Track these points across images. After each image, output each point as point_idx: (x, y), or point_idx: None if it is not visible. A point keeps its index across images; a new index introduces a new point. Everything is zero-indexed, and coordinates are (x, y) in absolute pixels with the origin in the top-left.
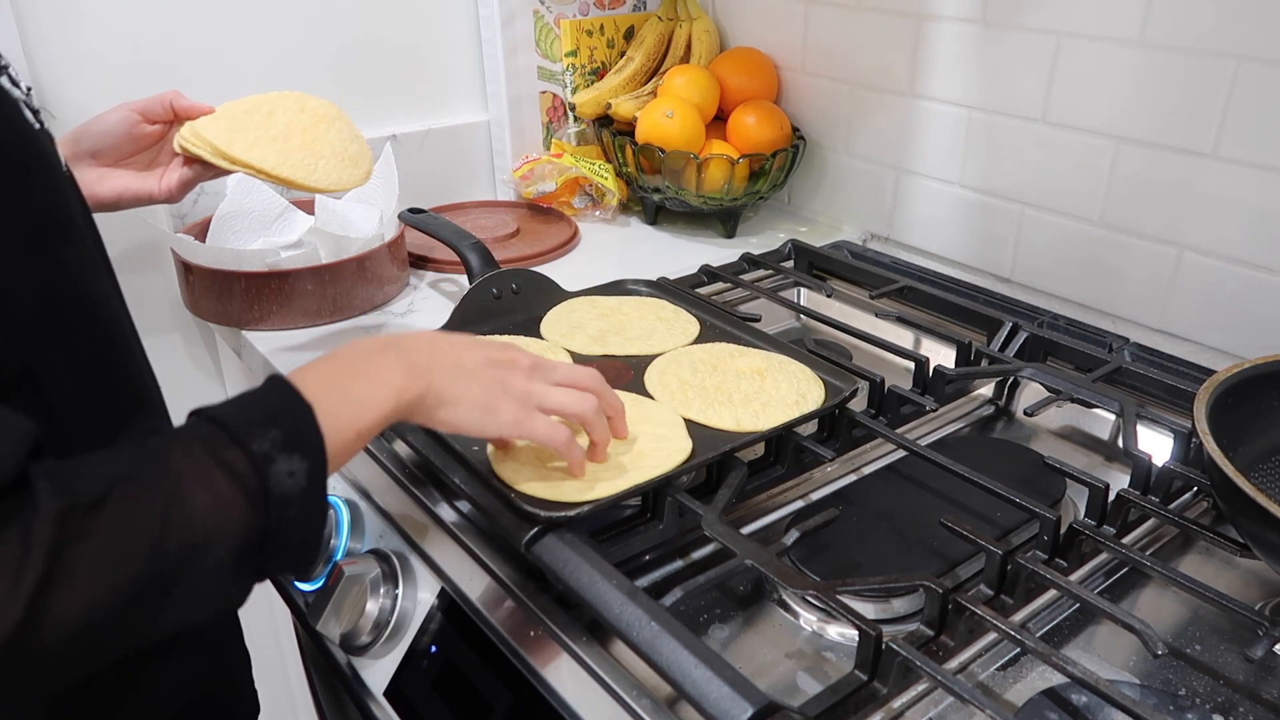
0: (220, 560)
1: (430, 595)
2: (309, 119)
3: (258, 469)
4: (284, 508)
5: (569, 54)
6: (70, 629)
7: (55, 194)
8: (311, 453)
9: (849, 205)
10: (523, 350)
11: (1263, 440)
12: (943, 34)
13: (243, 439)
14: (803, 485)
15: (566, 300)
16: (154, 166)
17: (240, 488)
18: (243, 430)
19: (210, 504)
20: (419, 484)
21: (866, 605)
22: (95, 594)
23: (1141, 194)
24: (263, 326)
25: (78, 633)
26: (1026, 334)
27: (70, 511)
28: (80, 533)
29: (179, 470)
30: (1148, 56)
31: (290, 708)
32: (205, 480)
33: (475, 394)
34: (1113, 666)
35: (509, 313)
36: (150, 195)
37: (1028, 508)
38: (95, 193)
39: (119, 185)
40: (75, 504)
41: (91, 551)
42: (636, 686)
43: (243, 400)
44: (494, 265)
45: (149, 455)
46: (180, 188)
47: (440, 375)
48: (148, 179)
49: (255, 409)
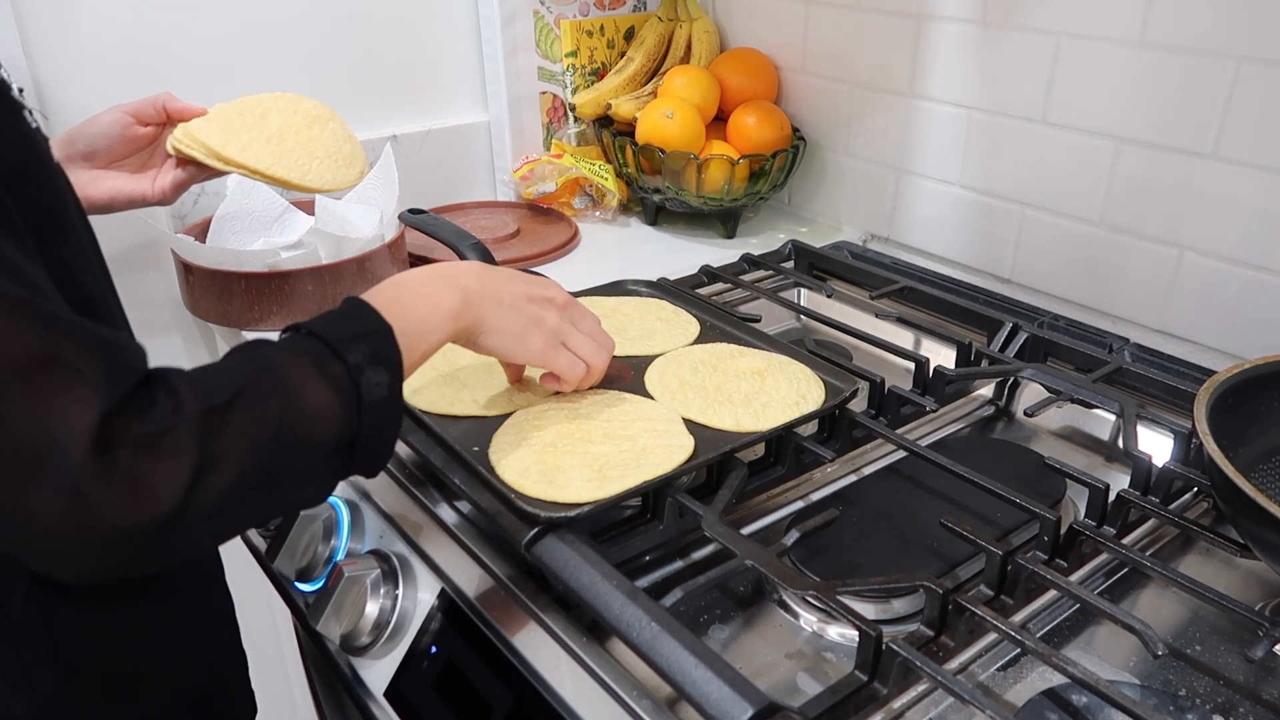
0: (320, 454)
1: (430, 596)
2: (302, 120)
3: (353, 378)
4: (372, 413)
5: (569, 54)
6: (213, 507)
7: (53, 192)
8: (392, 367)
9: (849, 206)
10: (560, 289)
11: (1263, 441)
12: (943, 34)
13: (341, 352)
14: (803, 486)
15: None
16: (147, 168)
17: (339, 395)
18: (340, 344)
19: (316, 406)
20: (419, 484)
21: (867, 606)
22: (232, 478)
23: (1142, 194)
24: (263, 327)
25: (217, 511)
26: (1027, 334)
27: (211, 410)
28: (221, 428)
29: (290, 378)
30: (1148, 57)
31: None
32: (312, 386)
33: (513, 324)
34: (1113, 667)
35: None
36: (144, 197)
37: (1028, 508)
38: (89, 194)
39: (112, 187)
40: (215, 404)
41: (231, 443)
42: (637, 687)
43: (333, 316)
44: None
45: (264, 364)
46: (174, 189)
47: (488, 305)
48: (141, 181)
49: (346, 325)
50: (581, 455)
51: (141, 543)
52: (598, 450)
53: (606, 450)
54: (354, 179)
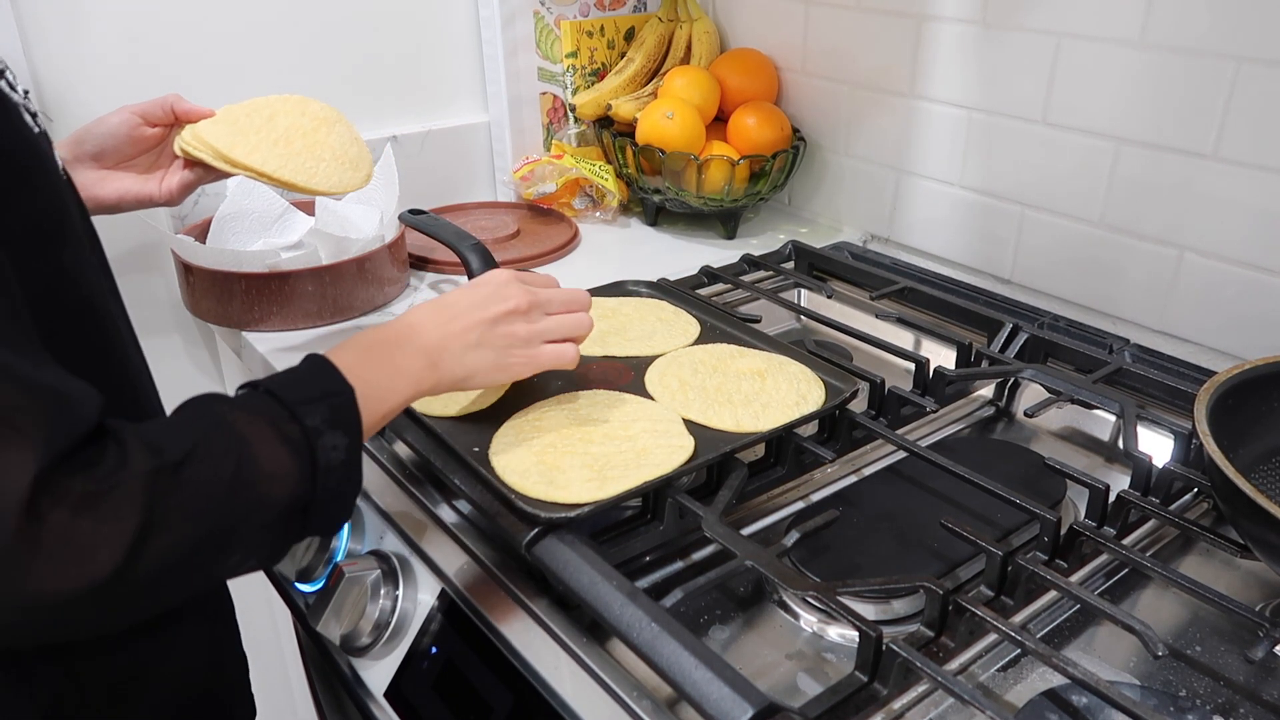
0: (272, 518)
1: (430, 596)
2: (310, 122)
3: (310, 442)
4: (328, 478)
5: (569, 55)
6: (154, 570)
7: (55, 197)
8: (352, 430)
9: (849, 206)
10: (520, 288)
11: (1263, 441)
12: (943, 35)
13: (298, 414)
14: (803, 486)
15: None
16: (155, 169)
17: (295, 455)
18: (298, 405)
19: (271, 468)
20: (419, 484)
21: (867, 606)
22: (176, 541)
23: (1142, 195)
24: (263, 327)
25: (158, 574)
26: (1027, 335)
27: (161, 470)
28: (170, 487)
29: (246, 437)
30: (1148, 57)
31: (290, 709)
32: (268, 447)
33: (486, 360)
34: (1113, 668)
35: None
36: (151, 198)
37: (1028, 509)
38: (96, 195)
39: (120, 188)
40: (165, 462)
41: (179, 504)
42: (637, 688)
43: (292, 376)
44: (494, 266)
45: (218, 422)
46: (181, 190)
47: (452, 357)
48: (148, 181)
49: (306, 386)
50: (582, 456)
51: (76, 609)
52: (598, 451)
53: (607, 451)
54: (361, 181)
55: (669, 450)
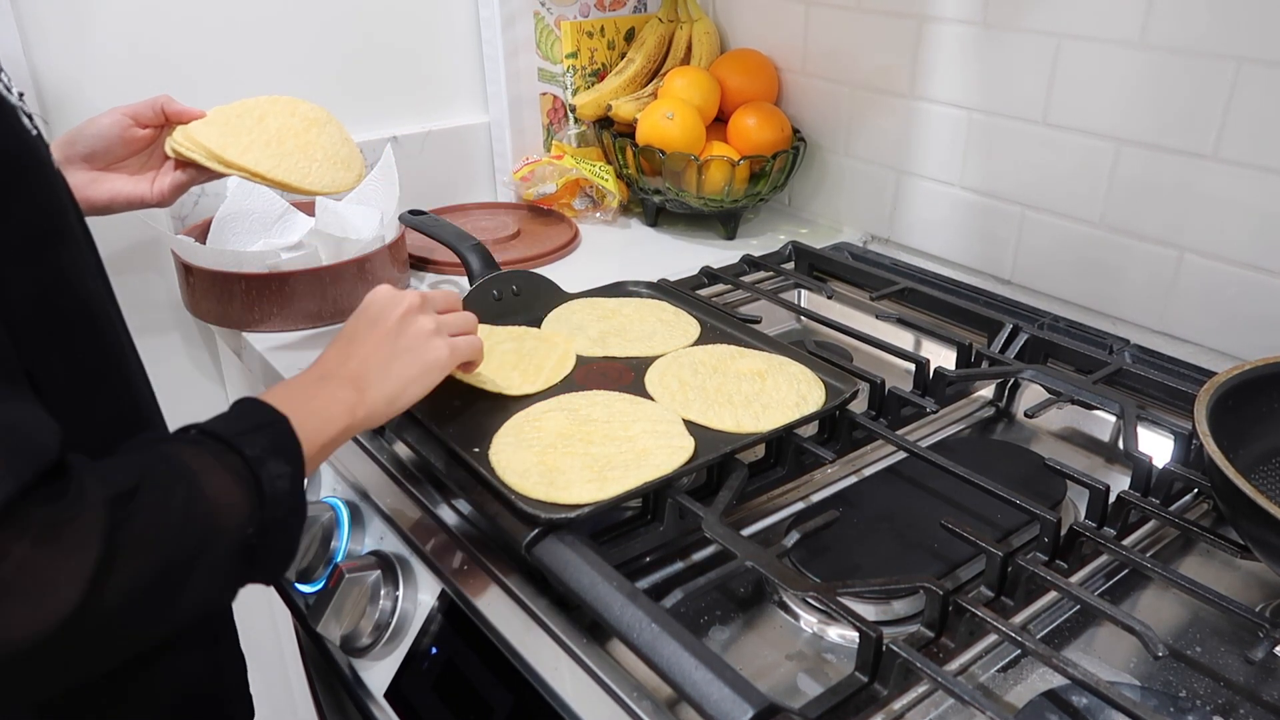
0: (226, 550)
1: (430, 597)
2: (300, 123)
3: (253, 471)
4: (275, 507)
5: (569, 55)
6: (118, 603)
7: (53, 199)
8: (293, 459)
9: (849, 207)
10: (401, 293)
11: (1263, 442)
12: (943, 36)
13: (238, 445)
14: (803, 487)
15: (567, 302)
16: (147, 170)
17: (241, 484)
18: (236, 438)
19: (220, 497)
20: (419, 485)
21: (867, 607)
22: (138, 570)
23: (1142, 196)
24: (263, 328)
25: (122, 607)
26: (1027, 336)
27: (117, 498)
28: (127, 517)
29: (193, 468)
30: (1148, 58)
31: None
32: (215, 475)
33: (409, 368)
34: (1113, 668)
35: (509, 315)
36: (143, 199)
37: (1028, 509)
38: (88, 196)
39: (112, 189)
40: (119, 491)
41: (135, 533)
42: (637, 688)
43: (225, 416)
44: (494, 267)
45: (162, 455)
46: (172, 191)
47: (375, 378)
48: (140, 182)
49: (241, 421)
50: (582, 456)
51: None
52: (598, 451)
53: (607, 451)
54: (353, 181)
55: (669, 451)
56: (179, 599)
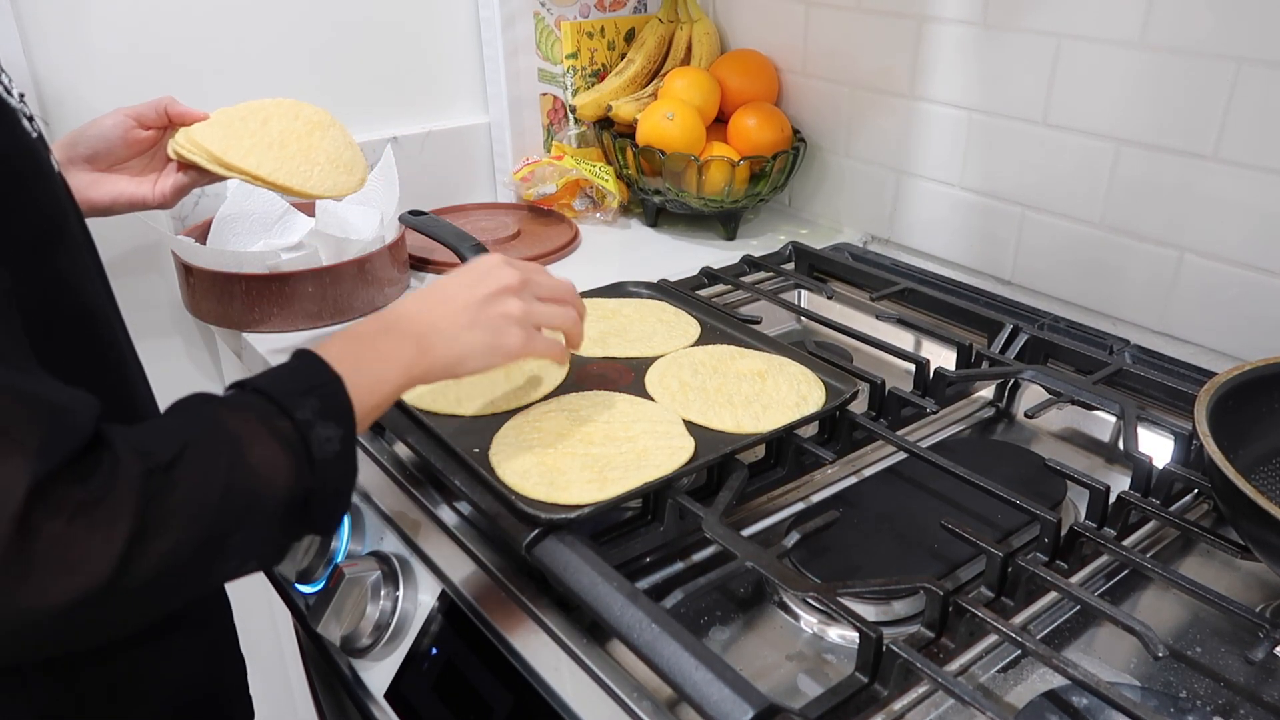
0: (271, 516)
1: (431, 597)
2: (303, 126)
3: (302, 435)
4: (324, 471)
5: (569, 56)
6: (150, 576)
7: (53, 202)
8: (344, 421)
9: (849, 207)
10: (511, 269)
11: (1263, 442)
12: (943, 36)
13: (288, 408)
14: (803, 487)
15: None
16: (149, 172)
17: (289, 452)
18: (286, 399)
19: (264, 465)
20: (419, 485)
21: (867, 607)
22: (173, 544)
23: (1142, 196)
24: (263, 329)
25: (154, 579)
26: (1027, 336)
27: (153, 472)
28: (162, 490)
29: (237, 435)
30: (1148, 58)
31: (290, 710)
32: (261, 443)
33: (478, 341)
34: (1113, 669)
35: None
36: (144, 200)
37: (1028, 510)
38: (90, 197)
39: (114, 190)
40: (156, 465)
41: (172, 507)
42: (637, 689)
43: (279, 372)
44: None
45: (208, 422)
46: (174, 193)
47: (444, 340)
48: (142, 184)
49: (293, 380)
50: (582, 457)
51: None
52: (598, 452)
53: (607, 452)
54: (355, 185)
55: (669, 451)
56: (217, 567)
